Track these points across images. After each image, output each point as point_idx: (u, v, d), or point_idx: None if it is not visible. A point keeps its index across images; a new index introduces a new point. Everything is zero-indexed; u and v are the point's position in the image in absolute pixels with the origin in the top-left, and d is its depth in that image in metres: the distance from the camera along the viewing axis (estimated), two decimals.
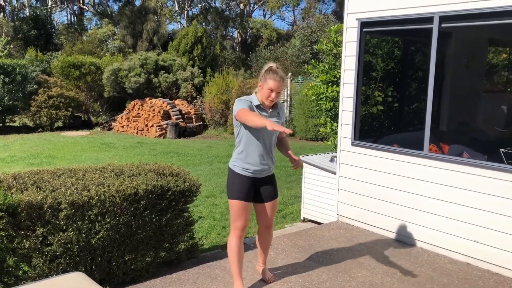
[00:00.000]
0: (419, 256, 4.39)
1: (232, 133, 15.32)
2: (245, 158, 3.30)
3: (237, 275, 3.40)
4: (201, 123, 16.24)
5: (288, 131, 2.83)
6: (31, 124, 16.76)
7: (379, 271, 4.00)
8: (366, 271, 4.01)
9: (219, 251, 4.79)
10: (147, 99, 16.41)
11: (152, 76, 17.93)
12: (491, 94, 4.59)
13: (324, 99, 6.99)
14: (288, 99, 15.78)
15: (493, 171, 4.06)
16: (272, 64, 3.27)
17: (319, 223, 5.90)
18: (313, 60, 7.92)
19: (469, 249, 4.27)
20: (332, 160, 6.19)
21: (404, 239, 4.77)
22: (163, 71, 18.31)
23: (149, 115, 15.44)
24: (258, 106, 3.27)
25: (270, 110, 3.34)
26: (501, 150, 4.12)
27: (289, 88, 15.76)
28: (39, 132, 15.92)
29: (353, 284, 3.76)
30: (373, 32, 5.05)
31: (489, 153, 4.22)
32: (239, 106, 3.19)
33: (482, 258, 4.18)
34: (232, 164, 3.35)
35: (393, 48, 5.09)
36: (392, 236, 4.87)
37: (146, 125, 15.29)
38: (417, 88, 4.84)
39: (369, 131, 5.28)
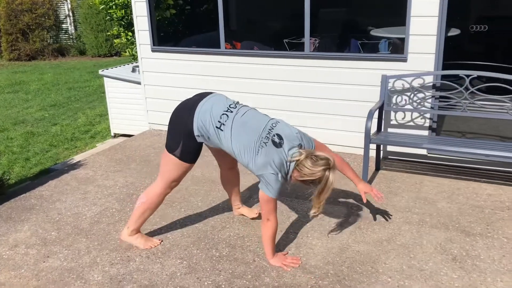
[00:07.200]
0: None
1: (10, 60, 13.38)
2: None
3: (140, 226, 3.04)
4: None
5: None
6: None
7: (201, 163, 4.32)
8: None
9: (29, 183, 4.43)
10: None
11: None
12: None
13: (114, 7, 6.59)
14: (71, 14, 14.30)
15: (279, 59, 4.59)
16: (330, 176, 2.51)
17: (131, 136, 5.89)
18: None
19: None
20: (134, 70, 6.07)
21: None
22: None
23: None
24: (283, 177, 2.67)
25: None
26: (284, 40, 4.65)
27: (69, 1, 14.21)
28: None
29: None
30: None
31: (275, 44, 4.72)
32: (272, 190, 2.60)
33: None
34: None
35: None
36: None
37: None
38: None
39: (167, 36, 5.28)
